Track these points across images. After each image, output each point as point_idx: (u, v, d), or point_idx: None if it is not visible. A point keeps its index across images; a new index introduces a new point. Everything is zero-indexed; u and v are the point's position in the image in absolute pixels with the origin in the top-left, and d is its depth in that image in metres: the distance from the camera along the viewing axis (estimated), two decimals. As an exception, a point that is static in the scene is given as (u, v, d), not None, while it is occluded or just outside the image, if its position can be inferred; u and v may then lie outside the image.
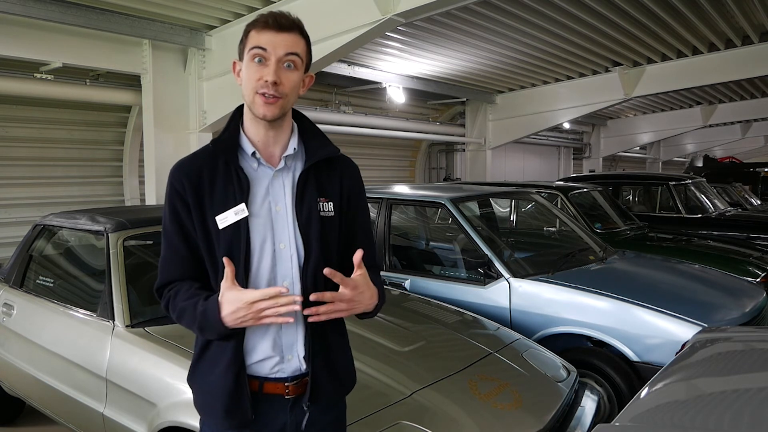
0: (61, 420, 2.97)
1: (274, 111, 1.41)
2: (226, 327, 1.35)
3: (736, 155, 19.14)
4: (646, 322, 3.19)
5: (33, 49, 5.17)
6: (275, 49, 1.38)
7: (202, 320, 1.38)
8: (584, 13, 6.47)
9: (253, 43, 1.39)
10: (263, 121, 1.43)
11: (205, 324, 1.38)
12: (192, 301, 1.42)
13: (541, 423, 2.29)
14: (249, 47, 1.40)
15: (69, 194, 6.95)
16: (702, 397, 1.85)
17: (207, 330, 1.40)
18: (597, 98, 9.65)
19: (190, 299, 1.42)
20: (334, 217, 1.51)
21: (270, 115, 1.41)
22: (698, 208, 7.46)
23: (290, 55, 1.39)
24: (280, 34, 1.39)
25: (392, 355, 2.57)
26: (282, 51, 1.38)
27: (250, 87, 1.40)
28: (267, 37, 1.38)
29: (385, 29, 4.93)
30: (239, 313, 1.33)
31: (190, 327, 1.44)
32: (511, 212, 5.94)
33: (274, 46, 1.38)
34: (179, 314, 1.44)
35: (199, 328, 1.41)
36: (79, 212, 3.32)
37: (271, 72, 1.37)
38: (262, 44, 1.38)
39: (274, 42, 1.38)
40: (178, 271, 1.47)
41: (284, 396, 1.46)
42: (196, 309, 1.39)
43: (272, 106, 1.40)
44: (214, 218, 1.42)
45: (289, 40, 1.40)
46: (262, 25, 1.40)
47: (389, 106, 9.97)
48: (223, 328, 1.36)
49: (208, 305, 1.37)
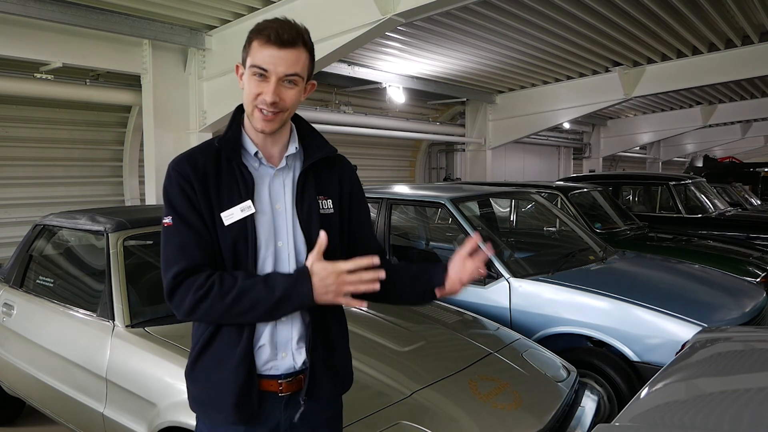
0: (61, 420, 2.97)
1: (273, 126, 1.42)
2: (313, 297, 1.35)
3: (736, 155, 19.14)
4: (646, 322, 3.19)
5: (33, 49, 5.17)
6: (276, 68, 1.37)
7: (288, 291, 1.35)
8: (584, 13, 6.47)
9: (254, 60, 1.38)
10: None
11: (292, 292, 1.35)
12: (258, 278, 1.38)
13: (541, 423, 2.29)
14: (250, 62, 1.39)
15: (69, 194, 6.95)
16: (702, 397, 1.85)
17: (287, 302, 1.36)
18: (597, 98, 9.65)
19: (251, 278, 1.38)
20: (333, 214, 1.52)
21: (269, 130, 1.43)
22: (698, 208, 7.46)
23: (291, 75, 1.39)
24: (281, 51, 1.37)
25: (392, 355, 2.57)
26: (282, 70, 1.37)
27: (249, 100, 1.41)
28: (268, 55, 1.37)
29: (385, 29, 4.93)
30: (328, 280, 1.34)
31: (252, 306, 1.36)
32: (511, 212, 5.94)
33: (275, 65, 1.37)
34: (238, 294, 1.35)
35: (276, 302, 1.36)
36: (79, 212, 3.32)
37: (270, 92, 1.37)
38: (264, 64, 1.37)
39: (275, 60, 1.37)
40: (202, 253, 1.39)
41: (278, 393, 1.46)
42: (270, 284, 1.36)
43: (271, 122, 1.41)
44: (219, 215, 1.41)
45: (291, 59, 1.38)
46: (264, 39, 1.37)
47: (389, 106, 9.97)
48: (311, 297, 1.35)
49: (299, 275, 1.37)
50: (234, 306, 1.35)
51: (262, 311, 1.38)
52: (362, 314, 2.96)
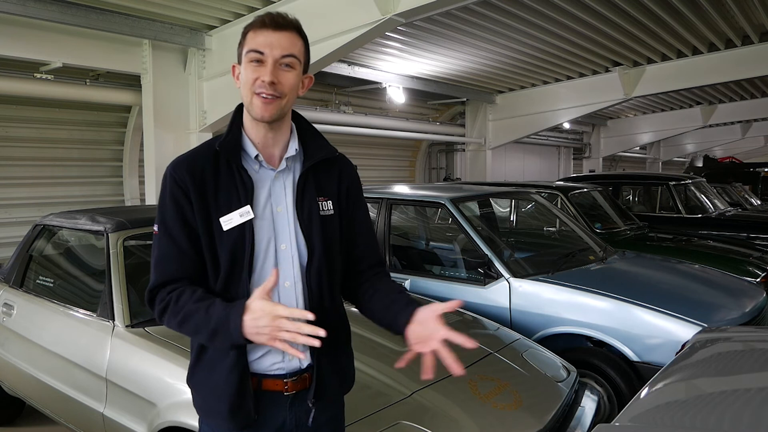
0: (61, 420, 2.97)
1: (272, 111, 1.39)
2: (242, 335, 1.29)
3: (736, 155, 19.15)
4: (646, 322, 3.19)
5: (33, 49, 5.17)
6: (272, 50, 1.37)
7: (220, 323, 1.31)
8: (584, 13, 6.47)
9: (251, 46, 1.38)
10: (262, 123, 1.43)
11: (220, 328, 1.31)
12: (204, 303, 1.35)
13: (541, 423, 2.29)
14: (246, 50, 1.39)
15: (69, 194, 6.95)
16: (702, 397, 1.85)
17: (220, 335, 1.33)
18: (597, 98, 9.65)
19: (200, 302, 1.36)
20: (333, 215, 1.51)
21: (268, 116, 1.39)
22: (698, 208, 7.46)
23: (287, 57, 1.38)
24: (276, 33, 1.37)
25: (392, 355, 2.57)
26: (279, 52, 1.37)
27: (247, 88, 1.39)
28: (264, 38, 1.37)
29: (385, 29, 4.93)
30: (261, 321, 1.27)
31: (195, 331, 1.37)
32: (511, 212, 5.94)
33: (271, 47, 1.37)
34: (184, 317, 1.36)
35: (211, 332, 1.34)
36: (79, 212, 3.32)
37: (268, 72, 1.36)
38: (260, 47, 1.37)
39: (271, 42, 1.37)
40: (178, 268, 1.40)
41: (283, 393, 1.46)
42: (210, 312, 1.33)
43: (270, 106, 1.38)
44: (218, 219, 1.40)
45: (286, 40, 1.38)
46: (259, 25, 1.38)
47: (389, 106, 9.97)
48: (240, 335, 1.29)
49: (233, 308, 1.31)
50: (182, 326, 1.39)
51: (204, 338, 1.38)
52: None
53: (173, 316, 1.38)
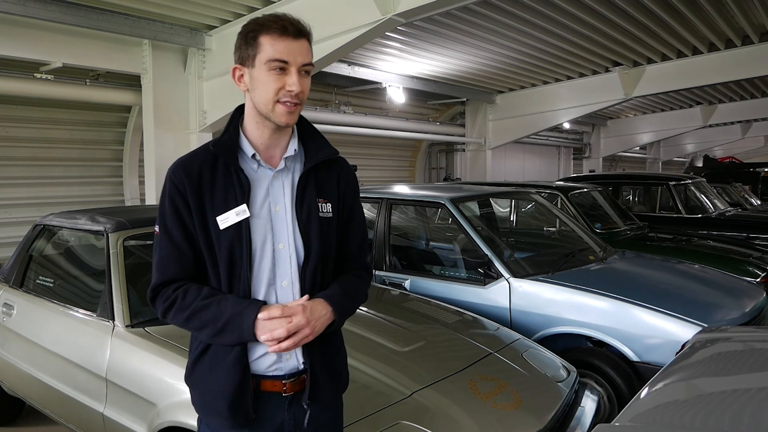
0: (61, 420, 2.97)
1: (295, 118, 1.45)
2: (253, 332, 1.36)
3: (736, 155, 19.15)
4: (646, 322, 3.19)
5: (33, 49, 5.17)
6: (295, 58, 1.39)
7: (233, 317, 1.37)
8: (584, 13, 6.47)
9: (272, 54, 1.38)
10: (271, 125, 1.44)
11: (232, 322, 1.37)
12: (215, 299, 1.40)
13: (541, 423, 2.29)
14: (266, 58, 1.38)
15: (69, 194, 6.96)
16: (702, 397, 1.85)
17: (229, 330, 1.38)
18: (597, 98, 9.65)
19: (209, 297, 1.40)
20: (332, 217, 1.52)
21: (292, 122, 1.44)
22: (698, 208, 7.46)
23: (307, 65, 1.41)
24: (297, 42, 1.40)
25: (392, 355, 2.57)
26: (301, 60, 1.40)
27: (269, 96, 1.39)
28: (285, 46, 1.38)
29: (385, 29, 4.93)
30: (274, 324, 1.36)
31: (203, 326, 1.40)
32: (511, 212, 5.94)
33: (294, 56, 1.39)
34: (192, 313, 1.40)
35: (221, 327, 1.38)
36: (79, 212, 3.32)
37: (295, 82, 1.38)
38: (283, 56, 1.38)
39: (294, 51, 1.39)
40: (178, 268, 1.44)
41: (282, 394, 1.47)
42: (222, 306, 1.38)
43: (294, 113, 1.42)
44: (215, 219, 1.42)
45: (306, 49, 1.42)
46: (279, 32, 1.38)
47: (389, 106, 9.97)
48: (251, 331, 1.36)
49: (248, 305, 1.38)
50: (188, 322, 1.42)
51: (210, 332, 1.40)
52: (362, 314, 2.96)
53: (180, 312, 1.41)
